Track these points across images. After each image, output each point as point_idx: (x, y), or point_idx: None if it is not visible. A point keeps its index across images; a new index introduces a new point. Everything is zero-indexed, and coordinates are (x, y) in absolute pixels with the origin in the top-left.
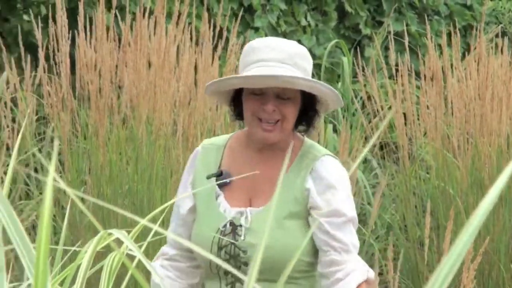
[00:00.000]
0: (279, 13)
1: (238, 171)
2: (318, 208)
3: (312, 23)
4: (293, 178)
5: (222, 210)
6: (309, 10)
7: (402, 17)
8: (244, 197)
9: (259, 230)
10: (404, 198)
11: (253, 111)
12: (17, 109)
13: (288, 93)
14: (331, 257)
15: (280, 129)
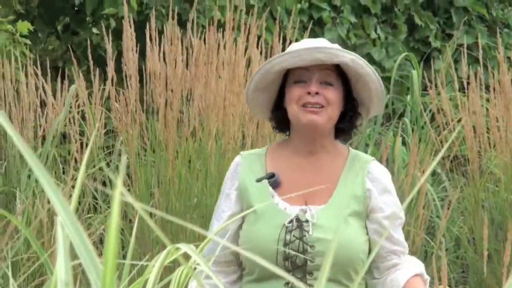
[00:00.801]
0: (349, 26)
1: (287, 174)
2: (379, 210)
3: (382, 36)
4: (352, 178)
5: (283, 208)
6: (379, 23)
7: (471, 30)
8: (299, 198)
9: (325, 226)
10: (473, 211)
11: (298, 98)
12: (85, 123)
13: (329, 78)
14: (393, 261)
15: (326, 113)
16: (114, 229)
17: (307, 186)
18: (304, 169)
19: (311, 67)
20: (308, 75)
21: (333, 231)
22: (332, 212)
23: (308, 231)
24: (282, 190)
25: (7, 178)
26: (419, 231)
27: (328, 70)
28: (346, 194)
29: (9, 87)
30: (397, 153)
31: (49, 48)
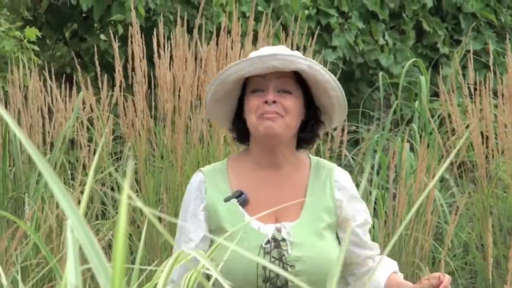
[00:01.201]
0: (357, 32)
1: (254, 191)
2: (352, 219)
3: (390, 42)
4: (320, 188)
5: (257, 228)
6: (387, 29)
7: (480, 36)
8: (269, 215)
9: (303, 243)
10: (481, 217)
11: (256, 108)
12: (93, 129)
13: (288, 86)
14: (369, 266)
15: (283, 121)
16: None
17: (275, 201)
18: (270, 183)
19: (268, 75)
20: (265, 84)
21: (310, 247)
22: (307, 227)
23: (287, 250)
24: (251, 208)
25: (15, 183)
26: (427, 237)
27: (286, 78)
28: (317, 206)
29: (18, 93)
30: (405, 159)
31: (57, 55)
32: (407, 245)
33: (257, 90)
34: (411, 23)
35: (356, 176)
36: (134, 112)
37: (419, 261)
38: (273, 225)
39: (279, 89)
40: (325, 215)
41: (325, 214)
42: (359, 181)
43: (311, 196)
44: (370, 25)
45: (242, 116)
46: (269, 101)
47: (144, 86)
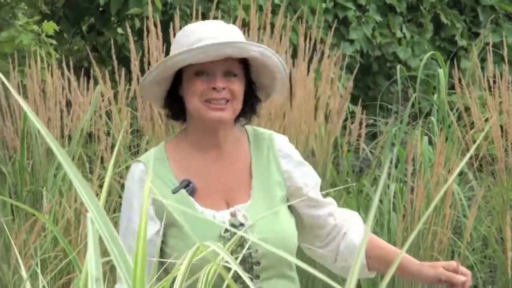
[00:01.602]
0: (375, 25)
1: (199, 177)
2: (304, 185)
3: (408, 34)
4: (265, 163)
5: (211, 217)
6: (404, 21)
7: (499, 29)
8: (220, 200)
9: (261, 224)
10: (501, 211)
11: (201, 93)
12: (111, 122)
13: (235, 69)
14: (331, 224)
15: (231, 107)
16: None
17: (222, 184)
18: (213, 167)
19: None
20: (211, 68)
21: (269, 227)
22: (260, 206)
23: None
24: (199, 196)
25: (33, 177)
26: (446, 230)
27: (233, 61)
28: (266, 182)
29: (36, 87)
30: (423, 152)
31: (74, 49)
32: (426, 239)
33: (201, 73)
34: (429, 16)
35: (374, 170)
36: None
37: (437, 255)
38: (227, 211)
39: (226, 71)
40: (277, 189)
41: (276, 188)
42: (377, 174)
43: (257, 173)
44: (387, 18)
45: (177, 94)
46: (219, 88)
47: None
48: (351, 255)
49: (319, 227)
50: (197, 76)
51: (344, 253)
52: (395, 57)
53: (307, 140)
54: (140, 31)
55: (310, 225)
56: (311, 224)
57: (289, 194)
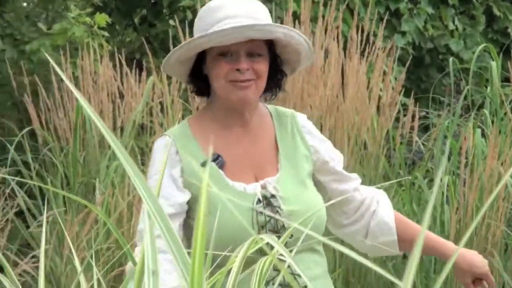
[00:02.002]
0: (427, 17)
1: (227, 152)
2: (330, 160)
3: (460, 27)
4: (290, 138)
5: (242, 189)
6: (456, 14)
7: None
8: (248, 173)
9: (291, 196)
10: None
11: (225, 73)
12: (163, 114)
13: (259, 49)
14: (357, 199)
15: (255, 87)
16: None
17: (250, 159)
18: (240, 142)
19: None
20: (235, 48)
21: (299, 199)
22: (289, 179)
23: (279, 206)
24: (228, 170)
25: (86, 168)
26: (500, 223)
27: (256, 40)
28: (294, 155)
29: (88, 79)
30: (476, 145)
31: (126, 40)
32: (479, 232)
33: (225, 53)
34: (481, 8)
35: (427, 162)
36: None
37: (491, 248)
38: (257, 184)
39: (250, 52)
40: (304, 162)
41: (303, 162)
42: (430, 167)
43: (284, 147)
44: (439, 10)
45: (201, 71)
46: (243, 69)
47: None
48: (382, 232)
49: (346, 203)
50: (221, 57)
51: (374, 230)
52: (448, 49)
53: (360, 132)
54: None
55: (339, 201)
56: (340, 200)
57: (315, 169)
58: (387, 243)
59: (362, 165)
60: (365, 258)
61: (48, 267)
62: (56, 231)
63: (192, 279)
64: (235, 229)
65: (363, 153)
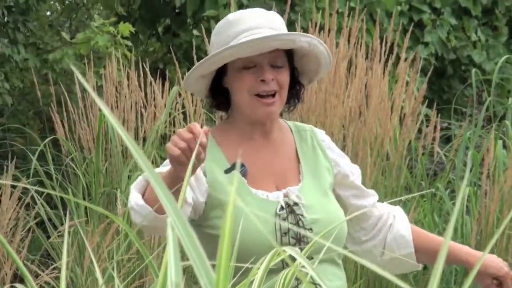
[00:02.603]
0: (449, 28)
1: (250, 162)
2: (350, 174)
3: (483, 38)
4: (312, 150)
5: (265, 196)
6: (479, 25)
7: None
8: (270, 182)
9: (314, 205)
10: None
11: (250, 86)
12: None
13: (281, 60)
14: (374, 215)
15: (279, 101)
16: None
17: (272, 169)
18: (263, 152)
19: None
20: (258, 60)
21: (322, 208)
22: (311, 189)
23: (302, 214)
24: (251, 179)
25: (107, 178)
26: None
27: (279, 51)
28: (315, 167)
29: (112, 88)
30: (498, 156)
31: (149, 50)
32: (500, 243)
33: (249, 66)
34: (504, 19)
35: (448, 173)
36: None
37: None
38: (280, 192)
39: (272, 63)
40: (326, 174)
41: (325, 173)
42: (451, 178)
43: (305, 158)
44: (462, 21)
45: (221, 85)
46: (268, 80)
47: None
48: (399, 246)
49: (365, 218)
50: (244, 70)
51: (391, 244)
52: (470, 60)
53: (382, 143)
54: None
55: (356, 216)
56: (358, 216)
57: (336, 182)
58: (404, 255)
59: (384, 176)
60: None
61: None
62: (77, 241)
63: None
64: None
65: (385, 164)
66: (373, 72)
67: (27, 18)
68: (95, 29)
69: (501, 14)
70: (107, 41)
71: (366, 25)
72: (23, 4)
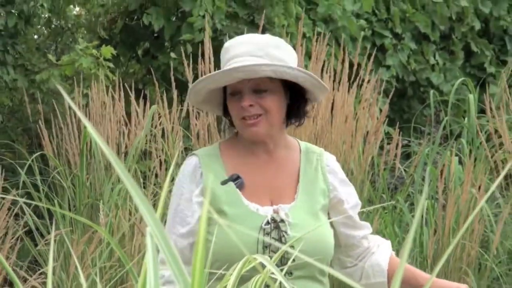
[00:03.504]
0: (409, 52)
1: (249, 175)
2: (345, 201)
3: (440, 61)
4: (313, 172)
5: (255, 210)
6: (437, 49)
7: None
8: (265, 197)
9: (300, 224)
10: None
11: (236, 112)
12: (164, 140)
13: (264, 85)
14: (364, 246)
15: (265, 122)
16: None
17: (270, 184)
18: (264, 168)
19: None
20: (239, 87)
21: (307, 228)
22: (303, 209)
23: (286, 231)
24: (247, 191)
25: (91, 191)
26: (474, 244)
27: (260, 77)
28: (312, 188)
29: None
30: (454, 171)
31: (130, 71)
32: (455, 252)
33: (234, 93)
34: (460, 44)
35: (408, 187)
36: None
37: (466, 267)
38: (271, 207)
39: (255, 88)
40: (320, 197)
41: (319, 196)
42: (410, 191)
43: (304, 179)
44: (421, 46)
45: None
46: (245, 106)
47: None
48: (374, 274)
49: (353, 248)
50: (231, 96)
51: (368, 270)
52: (428, 82)
53: (346, 159)
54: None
55: (345, 244)
56: (346, 243)
57: (330, 206)
58: (378, 284)
59: None
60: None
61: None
62: (63, 249)
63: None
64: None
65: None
66: (339, 93)
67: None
68: (79, 52)
69: (457, 40)
70: (90, 63)
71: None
72: (12, 28)
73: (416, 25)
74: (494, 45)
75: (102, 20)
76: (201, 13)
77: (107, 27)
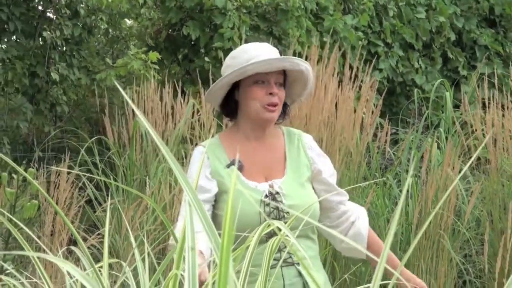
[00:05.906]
0: (398, 58)
1: (246, 158)
2: (323, 171)
3: (423, 66)
4: (296, 150)
5: (254, 186)
6: (420, 56)
7: (490, 63)
8: (261, 176)
9: (292, 194)
10: (491, 199)
11: (260, 98)
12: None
13: (281, 80)
14: (341, 209)
15: (278, 110)
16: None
17: (263, 165)
18: (257, 152)
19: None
20: (267, 77)
21: (298, 196)
22: (292, 181)
23: (281, 201)
24: (246, 172)
25: (140, 168)
26: (449, 213)
27: (280, 73)
28: (297, 164)
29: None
30: (434, 155)
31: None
32: (435, 219)
33: (260, 81)
34: (439, 52)
35: (396, 167)
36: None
37: (442, 232)
38: (266, 183)
39: (276, 82)
40: (304, 169)
41: (304, 169)
42: (398, 170)
43: (290, 157)
44: (408, 53)
45: (234, 97)
46: (274, 93)
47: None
48: (356, 241)
49: (331, 210)
50: (256, 85)
51: (351, 238)
52: (413, 82)
53: (347, 145)
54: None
55: (324, 206)
56: (325, 206)
57: (312, 177)
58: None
59: (348, 169)
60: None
61: (109, 242)
62: (116, 215)
63: (221, 254)
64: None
65: (349, 160)
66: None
67: (80, 47)
68: (131, 56)
69: (437, 48)
70: (140, 65)
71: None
72: (77, 37)
73: (403, 36)
74: (466, 53)
75: (149, 31)
76: (229, 25)
77: (154, 36)
